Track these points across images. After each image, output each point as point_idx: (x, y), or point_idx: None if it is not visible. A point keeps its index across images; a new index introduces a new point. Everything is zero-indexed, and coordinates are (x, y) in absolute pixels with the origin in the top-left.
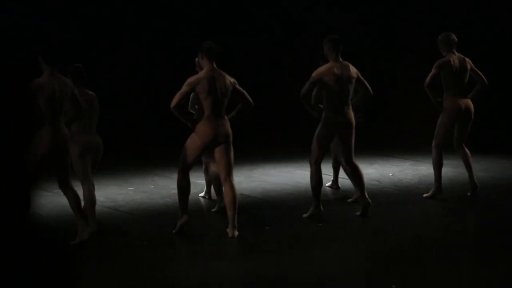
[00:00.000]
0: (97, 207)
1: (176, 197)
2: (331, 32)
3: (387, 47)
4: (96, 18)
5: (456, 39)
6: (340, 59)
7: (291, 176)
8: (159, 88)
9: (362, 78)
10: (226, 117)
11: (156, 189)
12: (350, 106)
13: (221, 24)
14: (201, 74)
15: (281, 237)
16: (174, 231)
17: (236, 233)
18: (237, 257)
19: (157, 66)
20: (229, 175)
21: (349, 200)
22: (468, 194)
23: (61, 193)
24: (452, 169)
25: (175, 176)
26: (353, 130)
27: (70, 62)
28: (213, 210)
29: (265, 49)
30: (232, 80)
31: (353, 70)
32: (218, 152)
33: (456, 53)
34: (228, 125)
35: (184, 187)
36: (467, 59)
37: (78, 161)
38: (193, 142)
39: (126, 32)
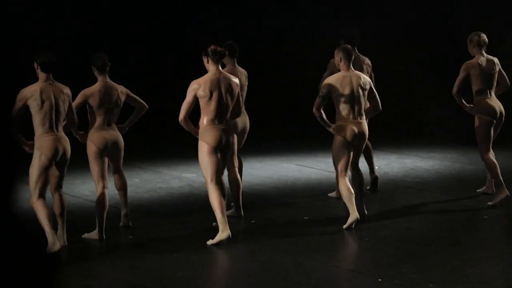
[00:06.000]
0: (81, 201)
1: (161, 191)
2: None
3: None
4: (96, 17)
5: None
6: (220, 68)
7: (276, 170)
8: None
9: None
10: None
11: (142, 183)
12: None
13: (221, 24)
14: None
15: (265, 229)
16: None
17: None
18: (218, 249)
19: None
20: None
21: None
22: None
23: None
24: (439, 162)
25: (161, 170)
26: (235, 140)
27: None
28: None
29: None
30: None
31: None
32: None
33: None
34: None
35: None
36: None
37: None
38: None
39: (126, 31)
